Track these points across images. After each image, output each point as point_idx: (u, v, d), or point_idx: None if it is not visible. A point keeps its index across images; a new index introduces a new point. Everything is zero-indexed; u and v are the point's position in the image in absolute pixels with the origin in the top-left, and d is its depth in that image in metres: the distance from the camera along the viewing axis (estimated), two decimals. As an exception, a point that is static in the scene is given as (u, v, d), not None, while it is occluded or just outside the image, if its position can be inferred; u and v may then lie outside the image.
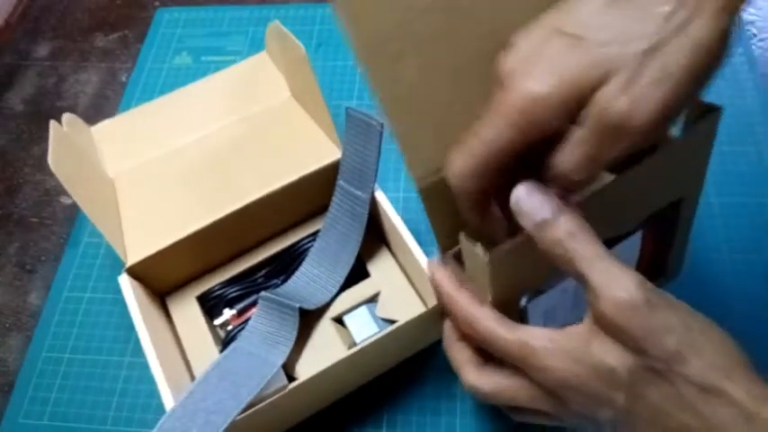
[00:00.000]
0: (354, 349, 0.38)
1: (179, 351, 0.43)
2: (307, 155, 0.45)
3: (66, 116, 0.47)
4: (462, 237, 0.30)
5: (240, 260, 0.47)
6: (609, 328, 0.25)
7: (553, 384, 0.27)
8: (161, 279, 0.44)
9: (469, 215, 0.29)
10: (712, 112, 0.30)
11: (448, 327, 0.34)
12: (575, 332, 0.27)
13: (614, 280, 0.25)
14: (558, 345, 0.27)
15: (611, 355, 0.25)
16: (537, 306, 0.33)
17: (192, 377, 0.42)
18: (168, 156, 0.49)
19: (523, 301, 0.32)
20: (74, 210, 0.56)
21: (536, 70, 0.25)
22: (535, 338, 0.27)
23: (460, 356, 0.32)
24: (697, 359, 0.24)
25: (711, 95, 0.32)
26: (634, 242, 0.35)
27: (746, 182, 0.50)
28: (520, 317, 0.32)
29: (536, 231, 0.26)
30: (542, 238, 0.26)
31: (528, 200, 0.26)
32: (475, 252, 0.28)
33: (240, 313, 0.44)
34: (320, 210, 0.46)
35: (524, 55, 0.26)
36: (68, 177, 0.40)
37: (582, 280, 0.25)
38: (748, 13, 0.59)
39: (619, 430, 0.27)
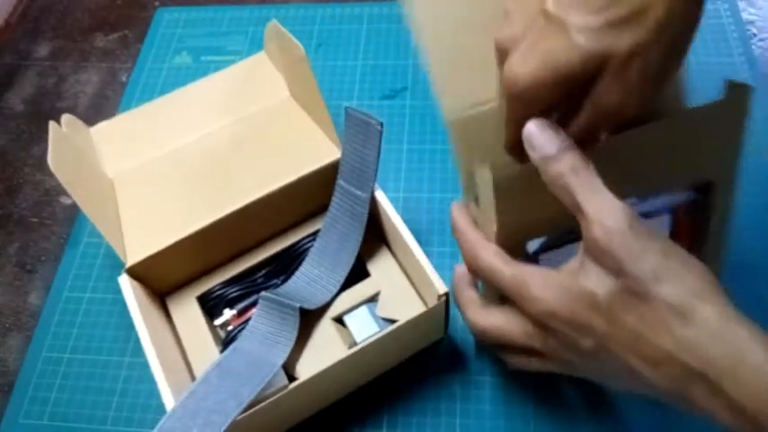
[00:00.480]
0: (355, 349, 0.38)
1: (179, 351, 0.43)
2: (306, 155, 0.45)
3: (65, 117, 0.47)
4: (476, 164, 0.31)
5: (240, 260, 0.47)
6: (595, 252, 0.27)
7: (542, 314, 0.29)
8: (161, 279, 0.44)
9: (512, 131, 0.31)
10: (738, 90, 0.31)
11: (459, 272, 0.37)
12: (567, 268, 0.29)
13: (606, 209, 0.27)
14: (549, 278, 0.29)
15: (593, 280, 0.27)
16: (549, 261, 0.33)
17: (193, 377, 0.42)
18: (168, 156, 0.49)
19: (533, 246, 0.33)
20: (74, 210, 0.56)
21: (522, 50, 0.27)
22: (530, 273, 0.29)
23: (467, 296, 0.36)
24: (673, 281, 0.26)
25: (711, 95, 0.32)
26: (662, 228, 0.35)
27: (746, 182, 0.49)
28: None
29: (542, 164, 0.28)
30: (547, 170, 0.28)
31: (538, 135, 0.28)
32: (484, 175, 0.30)
33: (240, 313, 0.44)
34: (320, 210, 0.46)
35: (515, 31, 0.28)
36: (68, 178, 0.40)
37: (579, 211, 0.27)
38: (748, 13, 0.59)
39: (600, 361, 0.28)
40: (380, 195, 0.43)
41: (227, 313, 0.44)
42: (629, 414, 0.41)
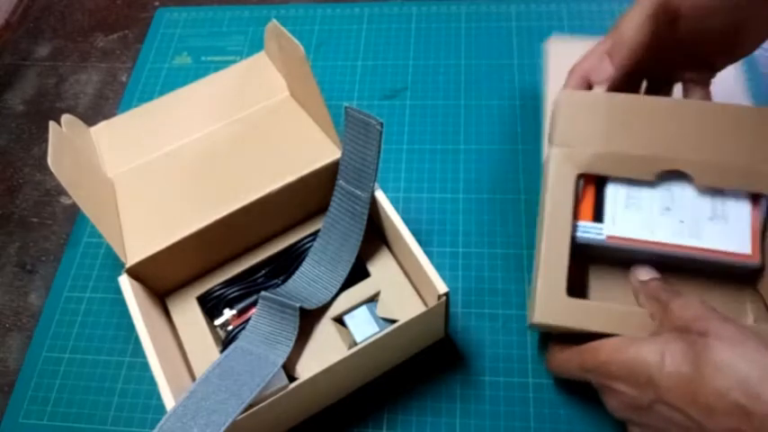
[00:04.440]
0: (355, 349, 0.38)
1: (179, 351, 0.43)
2: (306, 155, 0.45)
3: (65, 117, 0.47)
4: None
5: (240, 260, 0.47)
6: (676, 325, 0.34)
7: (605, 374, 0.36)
8: (161, 279, 0.44)
9: None
10: None
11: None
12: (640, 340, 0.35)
13: (685, 303, 0.35)
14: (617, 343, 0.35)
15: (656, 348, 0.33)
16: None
17: (193, 377, 0.42)
18: (168, 156, 0.49)
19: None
20: (74, 210, 0.56)
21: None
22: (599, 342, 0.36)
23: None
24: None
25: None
26: (742, 212, 0.40)
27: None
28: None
29: (641, 285, 0.39)
30: (644, 287, 0.38)
31: (638, 269, 0.40)
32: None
33: (240, 313, 0.44)
34: (320, 210, 0.47)
35: None
36: (68, 178, 0.40)
37: (664, 308, 0.35)
38: (748, 13, 0.59)
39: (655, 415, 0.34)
40: (380, 195, 0.43)
41: (227, 313, 0.44)
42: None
